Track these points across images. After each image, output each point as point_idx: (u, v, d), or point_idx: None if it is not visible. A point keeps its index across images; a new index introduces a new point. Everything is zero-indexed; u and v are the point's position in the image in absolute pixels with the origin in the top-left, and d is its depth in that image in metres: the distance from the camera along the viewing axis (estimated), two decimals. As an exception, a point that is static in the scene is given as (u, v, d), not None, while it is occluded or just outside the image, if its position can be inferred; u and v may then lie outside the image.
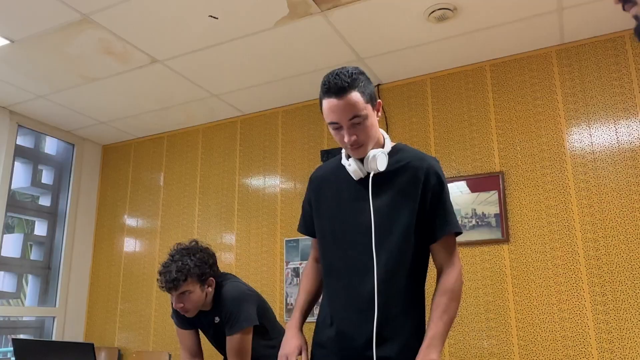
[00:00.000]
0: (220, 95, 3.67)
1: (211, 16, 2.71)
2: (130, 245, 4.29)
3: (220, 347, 2.27)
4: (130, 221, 4.34)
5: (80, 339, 4.21)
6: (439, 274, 1.56)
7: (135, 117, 4.05)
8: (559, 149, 2.93)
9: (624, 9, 0.91)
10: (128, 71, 3.29)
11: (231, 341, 2.10)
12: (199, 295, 2.13)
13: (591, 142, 2.86)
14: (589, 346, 2.65)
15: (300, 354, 1.54)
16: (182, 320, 2.30)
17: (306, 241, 3.44)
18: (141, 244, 4.23)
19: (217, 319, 2.18)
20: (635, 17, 0.89)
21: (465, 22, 2.79)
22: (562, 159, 2.91)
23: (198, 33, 2.87)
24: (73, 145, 4.42)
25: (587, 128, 2.89)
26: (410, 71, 3.34)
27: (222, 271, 2.33)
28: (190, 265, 2.11)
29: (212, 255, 2.24)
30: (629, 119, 2.80)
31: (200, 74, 3.36)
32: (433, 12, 2.67)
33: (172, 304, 2.30)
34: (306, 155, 3.66)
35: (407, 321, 1.49)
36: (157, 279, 2.15)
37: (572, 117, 2.94)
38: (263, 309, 2.26)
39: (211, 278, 2.18)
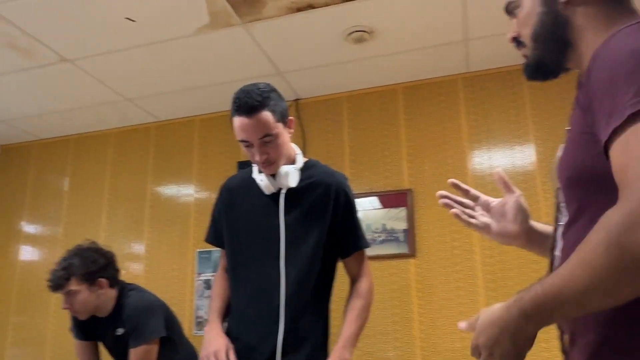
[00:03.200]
0: (134, 100, 3.55)
1: (128, 18, 2.63)
2: (27, 253, 3.99)
3: None
4: (29, 228, 4.05)
5: (-37, 356, 3.84)
6: (352, 282, 1.62)
7: (39, 117, 3.81)
8: (462, 170, 3.13)
9: (517, 48, 1.02)
10: (33, 68, 3.09)
11: (135, 354, 2.02)
12: (86, 296, 2.06)
13: (490, 165, 3.09)
14: (484, 355, 2.83)
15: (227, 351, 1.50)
16: (82, 331, 2.18)
17: (219, 252, 3.39)
18: (40, 253, 3.95)
19: (120, 331, 2.09)
20: (525, 57, 1.00)
21: (381, 45, 2.92)
22: (465, 180, 3.10)
23: (113, 34, 2.77)
24: (-34, 143, 4.07)
25: (487, 152, 3.12)
26: (328, 88, 3.43)
27: (129, 282, 2.25)
28: (76, 264, 2.05)
29: (108, 258, 2.17)
30: (523, 145, 3.06)
31: (113, 77, 3.23)
32: (351, 33, 2.77)
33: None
34: (222, 165, 3.63)
35: (312, 333, 1.53)
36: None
37: (474, 141, 3.16)
38: (171, 321, 2.19)
39: (102, 279, 2.10)
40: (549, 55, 0.94)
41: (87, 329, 2.20)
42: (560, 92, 2.97)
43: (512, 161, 3.05)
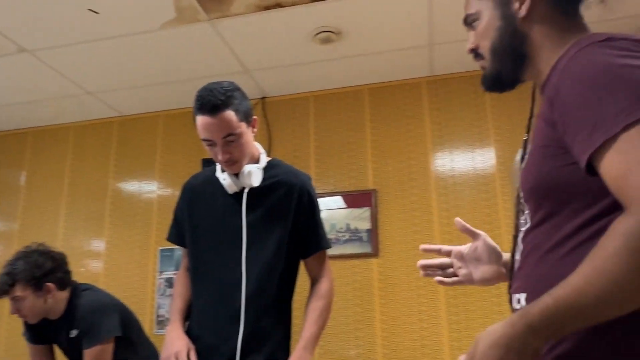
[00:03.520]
0: (95, 94, 3.47)
1: (91, 10, 2.57)
2: (-21, 250, 3.85)
3: None
4: (-18, 223, 3.90)
5: None
6: (313, 283, 1.63)
7: (-5, 109, 3.68)
8: (425, 172, 3.19)
9: (475, 60, 1.05)
10: (-11, 58, 2.99)
11: (89, 355, 1.97)
12: (33, 301, 2.00)
13: (452, 167, 3.16)
14: (443, 353, 2.90)
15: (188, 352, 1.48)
16: (35, 334, 2.12)
17: (182, 250, 3.35)
18: (-7, 249, 3.82)
19: (74, 332, 2.03)
20: (483, 68, 1.04)
21: (348, 46, 2.94)
22: (428, 181, 3.17)
23: (75, 26, 2.70)
24: None
25: (450, 154, 3.19)
26: (295, 87, 3.44)
27: (83, 283, 2.20)
28: (20, 269, 1.98)
29: (56, 260, 2.09)
30: (484, 149, 3.14)
31: (74, 69, 3.15)
32: (318, 33, 2.79)
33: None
34: (186, 162, 3.59)
35: (274, 334, 1.53)
36: None
37: (437, 144, 3.22)
38: (128, 320, 2.15)
39: (49, 284, 2.03)
40: (506, 68, 0.98)
41: (41, 332, 2.13)
42: (520, 98, 3.03)
43: (472, 164, 3.13)
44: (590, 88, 0.74)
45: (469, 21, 1.03)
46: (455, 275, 1.17)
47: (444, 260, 1.19)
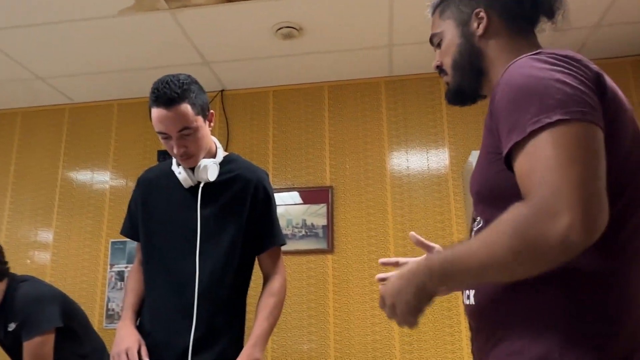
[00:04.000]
0: (46, 79, 3.34)
1: (43, -8, 2.47)
2: None
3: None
4: None
5: None
6: (266, 280, 1.63)
7: None
8: (381, 170, 3.24)
9: (440, 76, 1.11)
10: None
11: (28, 347, 1.91)
12: None
13: (407, 167, 3.23)
14: (393, 348, 2.96)
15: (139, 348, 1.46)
16: None
17: (134, 243, 3.28)
18: None
19: (12, 326, 1.97)
20: (446, 84, 1.09)
21: (309, 43, 2.95)
22: (383, 179, 3.23)
23: (26, 7, 2.59)
24: None
25: (405, 154, 3.26)
26: (255, 81, 3.42)
27: (22, 275, 2.13)
28: None
29: None
30: (438, 149, 3.23)
31: (24, 53, 3.02)
32: (280, 28, 2.78)
33: None
34: (141, 153, 3.51)
35: (227, 330, 1.52)
36: None
37: (393, 143, 3.28)
38: (71, 311, 2.09)
39: None
40: (465, 82, 1.05)
41: None
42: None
43: (427, 164, 3.21)
44: (514, 96, 0.82)
45: (434, 41, 1.10)
46: None
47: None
